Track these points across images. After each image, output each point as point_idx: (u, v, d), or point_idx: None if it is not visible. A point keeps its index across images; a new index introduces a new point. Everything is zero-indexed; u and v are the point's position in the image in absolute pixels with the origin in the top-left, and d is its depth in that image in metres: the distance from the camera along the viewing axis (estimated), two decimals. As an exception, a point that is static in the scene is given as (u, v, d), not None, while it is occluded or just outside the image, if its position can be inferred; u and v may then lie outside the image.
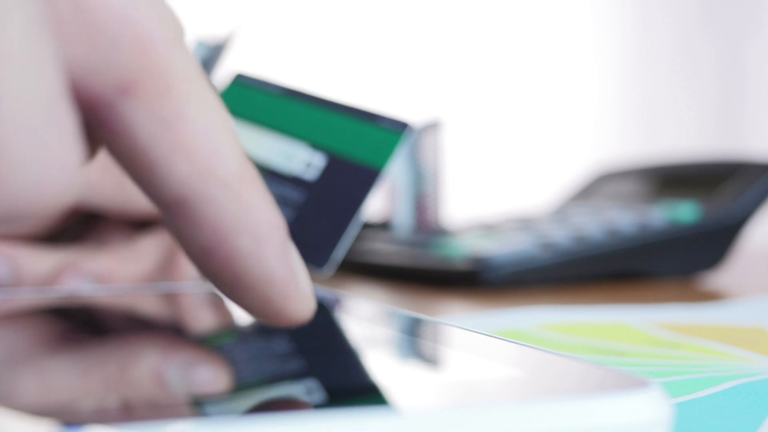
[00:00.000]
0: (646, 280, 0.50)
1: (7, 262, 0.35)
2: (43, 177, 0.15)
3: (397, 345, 0.21)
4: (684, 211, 0.51)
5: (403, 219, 0.62)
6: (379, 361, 0.19)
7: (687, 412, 0.20)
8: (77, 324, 0.24)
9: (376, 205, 0.65)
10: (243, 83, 0.27)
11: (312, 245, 0.23)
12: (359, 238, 0.58)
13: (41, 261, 0.36)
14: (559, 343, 0.29)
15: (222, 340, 0.21)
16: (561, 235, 0.49)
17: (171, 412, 0.14)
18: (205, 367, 0.18)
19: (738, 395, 0.22)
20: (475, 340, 0.20)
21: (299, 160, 0.25)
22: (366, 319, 0.23)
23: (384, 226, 0.64)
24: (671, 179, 0.57)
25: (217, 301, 0.27)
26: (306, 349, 0.20)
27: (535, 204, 1.46)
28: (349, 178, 0.24)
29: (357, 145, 0.24)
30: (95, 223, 0.38)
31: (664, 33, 1.72)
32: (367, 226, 0.64)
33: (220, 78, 0.46)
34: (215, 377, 0.17)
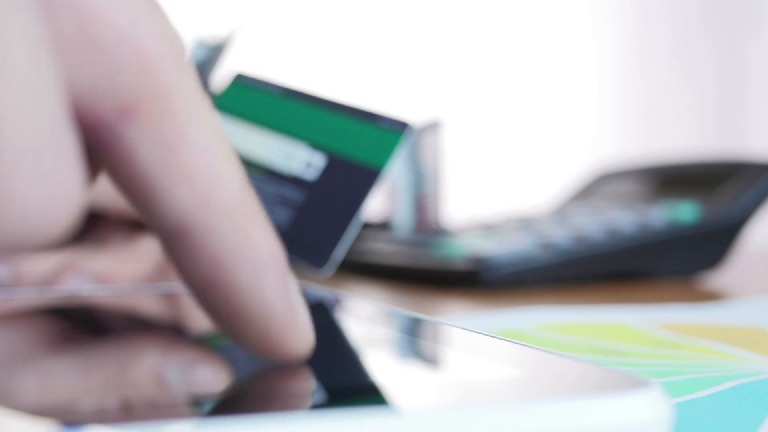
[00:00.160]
0: (646, 280, 0.50)
1: (7, 262, 0.35)
2: (46, 205, 0.14)
3: (397, 345, 0.21)
4: (684, 211, 0.51)
5: (403, 219, 0.62)
6: (379, 361, 0.19)
7: (687, 412, 0.20)
8: (77, 324, 0.24)
9: (376, 205, 0.65)
10: (243, 83, 0.27)
11: (312, 245, 0.23)
12: (359, 238, 0.58)
13: (41, 261, 0.36)
14: (559, 343, 0.29)
15: (222, 340, 0.21)
16: (561, 235, 0.49)
17: (171, 412, 0.14)
18: (204, 367, 0.18)
19: (738, 395, 0.22)
20: (475, 340, 0.20)
21: (299, 160, 0.25)
22: (366, 319, 0.23)
23: (384, 226, 0.64)
24: (671, 179, 0.57)
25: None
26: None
27: (535, 204, 1.46)
28: (349, 178, 0.24)
29: (357, 145, 0.24)
30: (95, 223, 0.39)
31: (664, 33, 1.71)
32: (367, 226, 0.64)
33: (220, 78, 0.46)
34: (215, 377, 0.17)
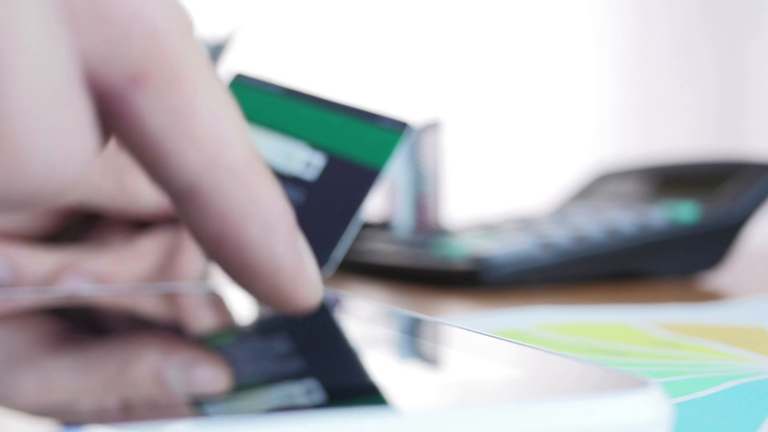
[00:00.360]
0: (646, 280, 0.50)
1: (7, 262, 0.35)
2: (59, 160, 0.15)
3: (397, 345, 0.21)
4: (684, 211, 0.51)
5: (403, 219, 0.62)
6: (379, 361, 0.19)
7: (687, 412, 0.20)
8: (77, 324, 0.24)
9: (376, 205, 0.65)
10: (243, 83, 0.27)
11: (312, 245, 0.23)
12: (359, 238, 0.58)
13: (41, 261, 0.36)
14: (559, 343, 0.29)
15: (222, 340, 0.21)
16: (561, 235, 0.49)
17: (171, 412, 0.14)
18: (205, 367, 0.18)
19: (738, 395, 0.22)
20: (475, 340, 0.20)
21: (299, 160, 0.25)
22: (366, 319, 0.23)
23: (384, 226, 0.64)
24: (671, 179, 0.57)
25: (217, 301, 0.27)
26: (306, 349, 0.20)
27: (535, 204, 1.46)
28: (348, 178, 0.24)
29: (357, 145, 0.24)
30: (95, 223, 0.38)
31: (664, 33, 1.71)
32: (367, 226, 0.64)
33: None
34: (215, 377, 0.17)
